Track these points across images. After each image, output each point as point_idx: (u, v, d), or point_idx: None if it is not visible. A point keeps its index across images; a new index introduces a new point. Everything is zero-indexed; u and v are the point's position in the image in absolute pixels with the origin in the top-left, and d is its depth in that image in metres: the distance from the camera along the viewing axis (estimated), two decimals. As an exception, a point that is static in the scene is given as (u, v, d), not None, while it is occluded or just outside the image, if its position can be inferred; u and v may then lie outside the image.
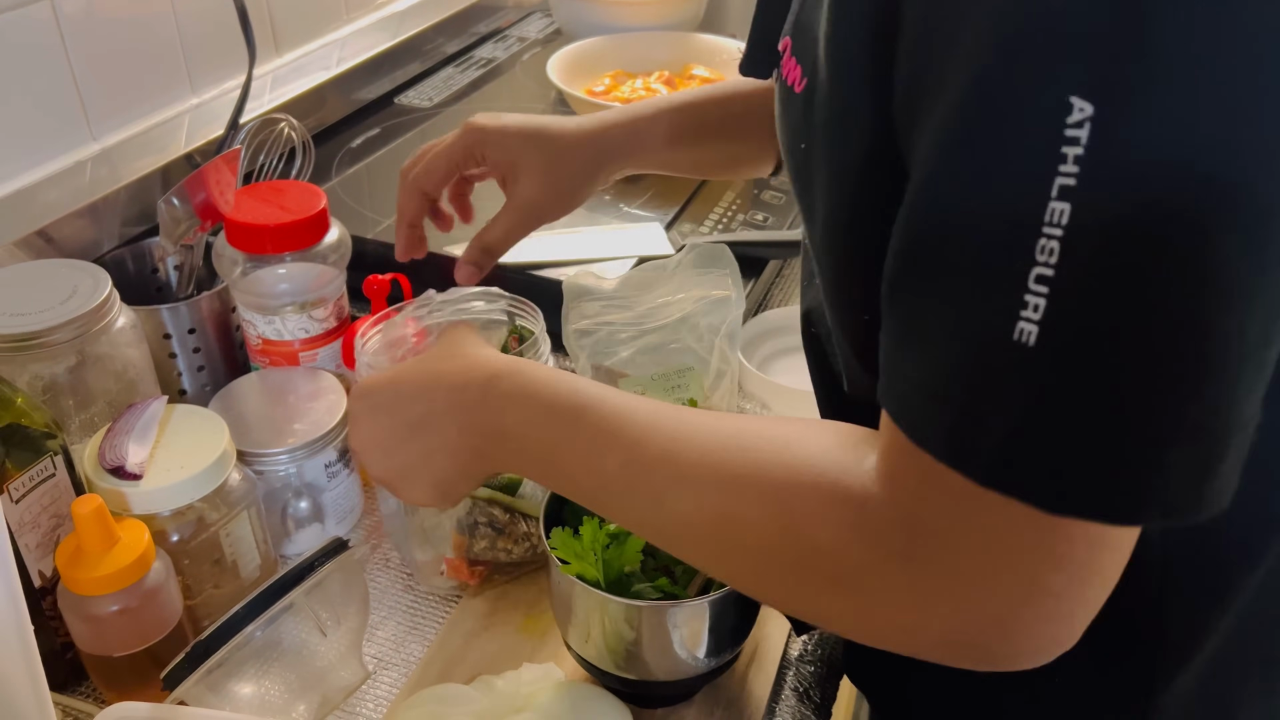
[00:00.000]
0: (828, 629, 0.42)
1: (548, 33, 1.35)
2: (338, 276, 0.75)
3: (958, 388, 0.34)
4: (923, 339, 0.35)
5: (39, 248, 0.79)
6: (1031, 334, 0.32)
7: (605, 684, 0.60)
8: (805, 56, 0.43)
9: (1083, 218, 0.31)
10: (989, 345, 0.33)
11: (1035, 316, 0.32)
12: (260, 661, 0.57)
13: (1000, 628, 0.36)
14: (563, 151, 0.65)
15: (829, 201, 0.43)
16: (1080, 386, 0.32)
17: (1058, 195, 0.31)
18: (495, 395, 0.49)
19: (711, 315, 0.68)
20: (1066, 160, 0.31)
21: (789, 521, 0.40)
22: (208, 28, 0.94)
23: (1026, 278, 0.32)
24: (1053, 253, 0.31)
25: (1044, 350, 0.32)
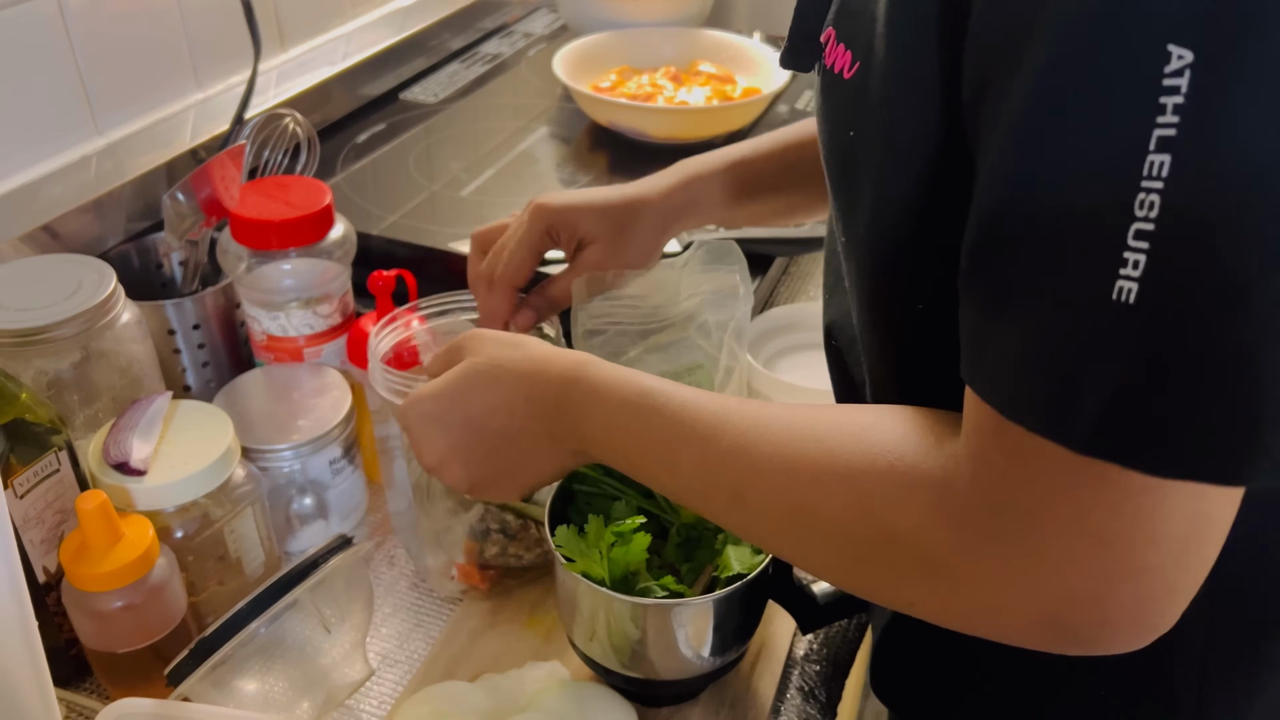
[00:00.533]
0: (914, 615, 0.41)
1: (553, 28, 1.35)
2: (342, 272, 0.75)
3: (1054, 354, 0.33)
4: (1014, 309, 0.34)
5: (44, 243, 0.79)
6: (1131, 291, 0.31)
7: (610, 682, 0.60)
8: (856, 41, 0.43)
9: (1184, 169, 0.30)
10: (1087, 307, 0.32)
11: (1135, 274, 0.31)
12: (264, 658, 0.57)
13: (1095, 608, 0.35)
14: (628, 221, 0.67)
15: (882, 185, 0.42)
16: (1183, 343, 0.31)
17: (1156, 147, 0.30)
18: (573, 402, 0.49)
19: (719, 312, 0.68)
20: (1166, 110, 0.30)
21: (868, 509, 0.40)
22: (213, 22, 0.94)
23: (1125, 234, 0.31)
24: (1153, 206, 0.31)
25: (1145, 308, 0.31)
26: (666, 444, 0.46)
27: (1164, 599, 0.35)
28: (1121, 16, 0.31)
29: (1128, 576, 0.34)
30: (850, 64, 0.43)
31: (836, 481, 0.41)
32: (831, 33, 0.46)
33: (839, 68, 0.44)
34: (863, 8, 0.42)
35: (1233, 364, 0.31)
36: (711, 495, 0.46)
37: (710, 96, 1.06)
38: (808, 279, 0.96)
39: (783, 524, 0.43)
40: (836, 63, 0.44)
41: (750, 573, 0.55)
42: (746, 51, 1.14)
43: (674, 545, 0.59)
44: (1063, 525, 0.35)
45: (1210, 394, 0.32)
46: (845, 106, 0.44)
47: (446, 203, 0.93)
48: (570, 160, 1.01)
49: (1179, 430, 0.32)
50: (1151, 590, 0.35)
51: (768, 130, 1.06)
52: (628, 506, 0.59)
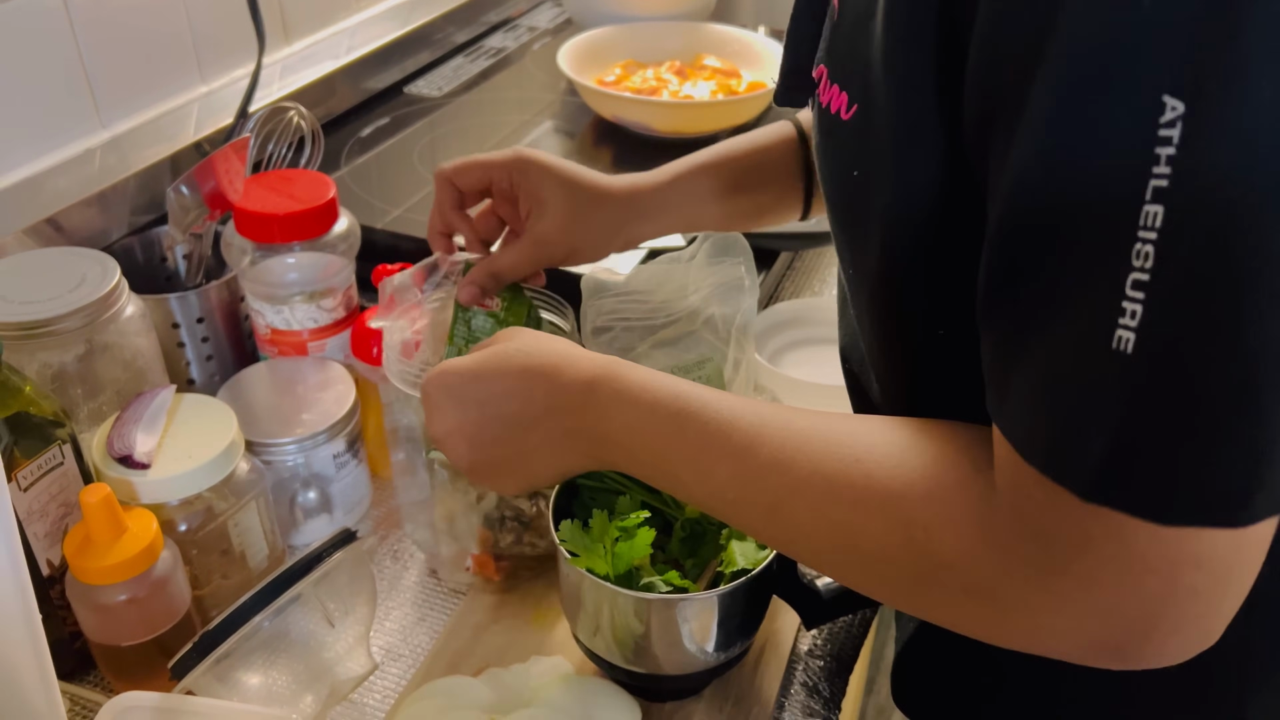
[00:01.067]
0: (960, 633, 0.41)
1: (558, 22, 1.35)
2: (346, 266, 0.75)
3: (1057, 401, 0.34)
4: (1023, 352, 0.35)
5: (48, 236, 0.79)
6: (1129, 341, 0.31)
7: (614, 677, 0.59)
8: (851, 83, 0.43)
9: (1177, 219, 0.30)
10: (1087, 355, 0.33)
11: (1133, 323, 0.31)
12: (268, 652, 0.56)
13: (1144, 629, 0.36)
14: (589, 203, 0.65)
15: (892, 226, 0.42)
16: (1181, 392, 0.32)
17: (1151, 198, 0.30)
18: (597, 401, 0.48)
19: (726, 305, 0.68)
20: (1160, 161, 0.30)
21: (910, 534, 0.39)
22: (217, 16, 0.94)
23: (1123, 284, 0.31)
24: (1148, 257, 0.31)
25: (1143, 357, 0.31)
26: (701, 452, 0.45)
27: (1213, 615, 0.36)
28: (1116, 62, 0.31)
29: (1174, 599, 0.35)
30: (847, 106, 0.43)
31: (878, 504, 0.40)
32: (824, 70, 0.45)
33: (835, 108, 0.44)
34: (852, 51, 0.42)
35: (1231, 409, 0.32)
36: (746, 508, 0.45)
37: (715, 91, 1.05)
38: (812, 274, 0.96)
39: (823, 543, 0.43)
40: (833, 103, 0.44)
41: (754, 568, 0.55)
42: (751, 46, 1.14)
43: (678, 540, 0.59)
44: (1104, 556, 0.35)
45: (1209, 439, 0.32)
46: (847, 148, 0.44)
47: (451, 197, 0.93)
48: (575, 154, 1.01)
49: (1180, 480, 0.33)
50: (1197, 610, 0.35)
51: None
52: (632, 501, 0.59)
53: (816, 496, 0.42)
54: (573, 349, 0.51)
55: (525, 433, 0.50)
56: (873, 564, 0.42)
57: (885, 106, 0.40)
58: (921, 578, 0.40)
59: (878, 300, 0.46)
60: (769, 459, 0.43)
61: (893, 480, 0.40)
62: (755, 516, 0.45)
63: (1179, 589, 0.34)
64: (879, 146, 0.41)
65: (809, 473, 0.42)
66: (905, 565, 0.40)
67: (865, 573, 0.43)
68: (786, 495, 0.43)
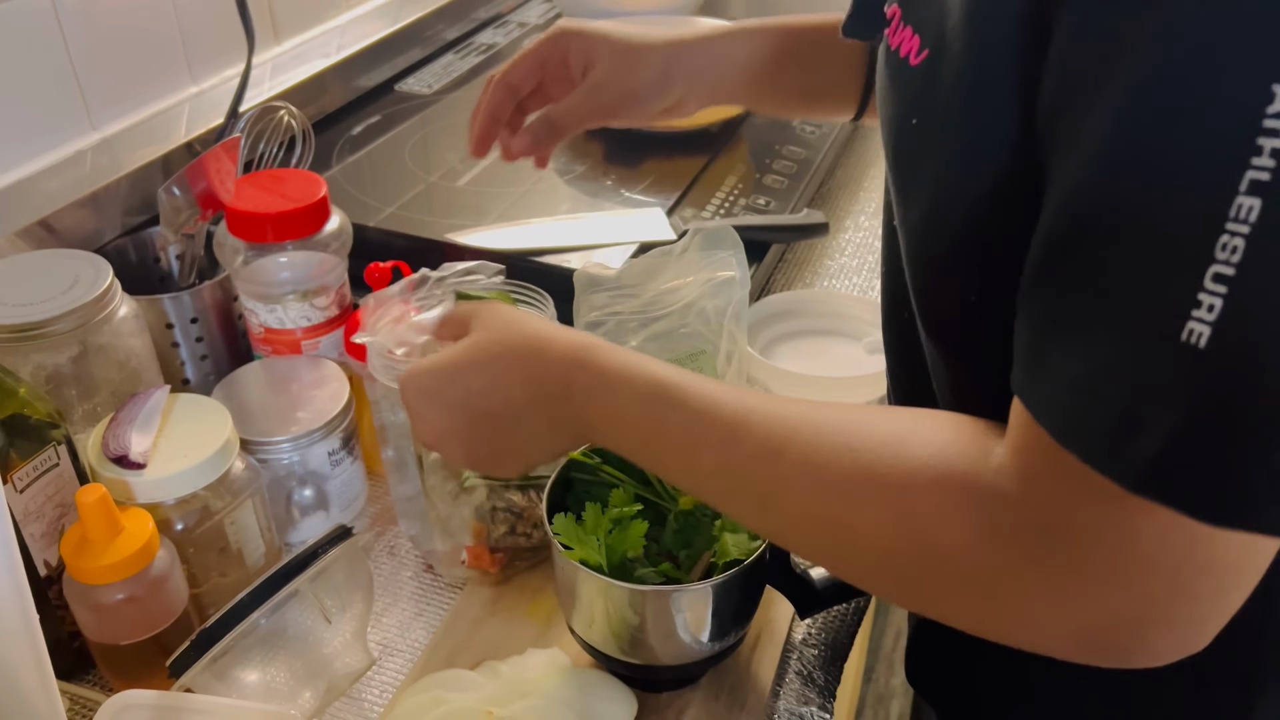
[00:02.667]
0: (951, 625, 0.41)
1: (548, 18, 1.35)
2: (339, 264, 0.75)
3: (1114, 388, 0.33)
4: (1076, 334, 0.34)
5: (40, 238, 0.79)
6: (1203, 335, 0.30)
7: (610, 669, 0.60)
8: (926, 27, 0.41)
9: (1275, 215, 0.29)
10: (1154, 345, 0.31)
11: (1209, 317, 0.30)
12: (265, 649, 0.57)
13: (1139, 629, 0.35)
14: (636, 49, 0.66)
15: (945, 180, 0.41)
16: (1251, 394, 0.31)
17: (1248, 190, 0.30)
18: (576, 390, 0.47)
19: (717, 297, 0.68)
20: (1262, 153, 0.29)
21: (909, 526, 0.38)
22: (206, 16, 0.94)
23: (1203, 276, 0.30)
24: (1235, 250, 0.30)
25: (1215, 353, 0.31)
26: (684, 442, 0.44)
27: (1208, 620, 0.35)
28: (1221, 48, 0.30)
29: (1174, 602, 0.34)
30: (918, 50, 0.42)
31: (875, 496, 0.39)
32: (897, 11, 0.44)
33: (905, 51, 0.43)
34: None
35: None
36: (734, 499, 0.44)
37: (705, 84, 1.05)
38: (804, 266, 0.96)
39: (814, 535, 0.42)
40: (903, 46, 0.43)
41: (747, 558, 0.55)
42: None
43: (671, 531, 0.59)
44: (1112, 550, 0.34)
45: (1272, 448, 0.31)
46: (910, 93, 0.43)
47: (442, 193, 0.93)
48: (565, 149, 1.01)
49: (1234, 482, 0.32)
50: (1196, 613, 0.35)
51: (763, 117, 1.06)
52: (625, 494, 0.59)
53: (807, 490, 0.41)
54: (546, 330, 0.50)
55: (513, 426, 0.50)
56: (867, 554, 0.41)
57: (957, 60, 0.39)
58: (920, 570, 0.39)
59: (914, 257, 0.45)
60: (754, 450, 0.42)
61: (891, 471, 0.39)
62: (745, 508, 0.45)
63: (1180, 593, 0.34)
64: (943, 98, 0.40)
65: (798, 462, 0.41)
66: (903, 557, 0.39)
67: (859, 564, 0.42)
68: (775, 488, 0.42)
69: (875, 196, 1.04)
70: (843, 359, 0.79)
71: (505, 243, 0.85)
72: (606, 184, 0.95)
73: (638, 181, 0.95)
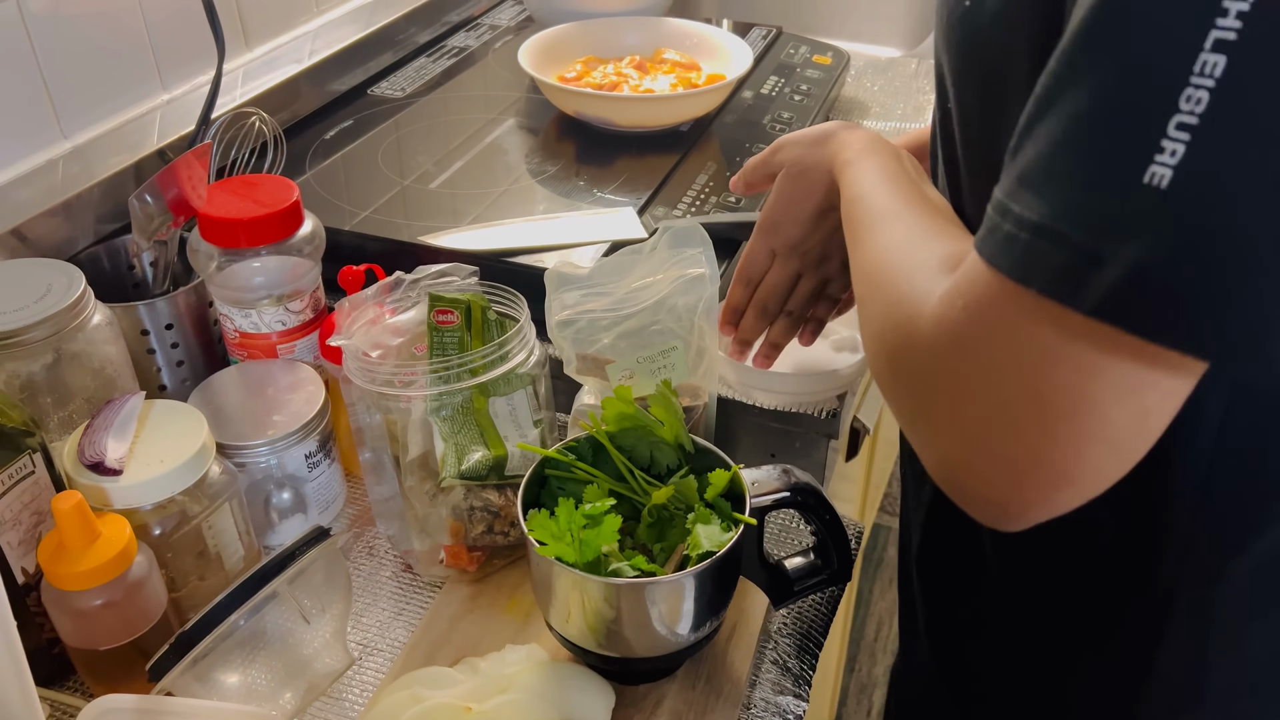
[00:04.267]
0: (907, 429, 0.46)
1: (519, 20, 1.35)
2: (313, 268, 0.75)
3: (1076, 226, 0.35)
4: (1046, 179, 0.37)
5: (12, 247, 0.79)
6: (1165, 178, 0.33)
7: (588, 662, 0.61)
8: None
9: (1239, 72, 0.32)
10: (1117, 185, 0.34)
11: (1171, 161, 0.33)
12: (245, 650, 0.57)
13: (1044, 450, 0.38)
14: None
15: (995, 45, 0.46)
16: (1206, 233, 0.33)
17: (1212, 47, 0.32)
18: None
19: (688, 294, 0.69)
20: (1228, 14, 0.32)
21: (885, 323, 0.45)
22: (176, 23, 0.94)
23: (1166, 123, 0.33)
24: (1199, 102, 0.32)
25: (1177, 195, 0.33)
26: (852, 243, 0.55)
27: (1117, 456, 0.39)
28: None
29: (1079, 416, 0.37)
30: None
31: (875, 285, 0.48)
32: None
33: None
34: None
35: (1249, 259, 0.33)
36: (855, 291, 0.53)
37: (675, 84, 1.07)
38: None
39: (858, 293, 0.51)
40: None
41: (719, 550, 0.56)
42: (710, 39, 1.15)
43: (645, 526, 0.60)
44: (1010, 383, 0.38)
45: (1225, 283, 0.34)
46: None
47: (416, 197, 0.94)
48: (538, 150, 1.02)
49: (1182, 310, 0.34)
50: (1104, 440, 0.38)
51: (733, 116, 1.07)
52: (599, 490, 0.60)
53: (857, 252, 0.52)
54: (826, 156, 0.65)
55: None
56: (872, 331, 0.48)
57: None
58: (890, 360, 0.45)
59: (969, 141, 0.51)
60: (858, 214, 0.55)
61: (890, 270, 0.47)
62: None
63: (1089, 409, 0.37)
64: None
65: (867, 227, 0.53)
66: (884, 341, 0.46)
67: (870, 340, 0.48)
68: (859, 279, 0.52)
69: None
70: (809, 356, 0.80)
71: (478, 244, 0.86)
72: (578, 184, 0.95)
73: (609, 181, 0.95)
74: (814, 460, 0.77)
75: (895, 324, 0.44)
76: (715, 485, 0.59)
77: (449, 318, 0.65)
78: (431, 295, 0.65)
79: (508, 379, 0.66)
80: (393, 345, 0.67)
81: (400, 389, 0.63)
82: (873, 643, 1.76)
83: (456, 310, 0.65)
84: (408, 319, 0.68)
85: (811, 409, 0.76)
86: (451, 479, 0.64)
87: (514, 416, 0.67)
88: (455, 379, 0.63)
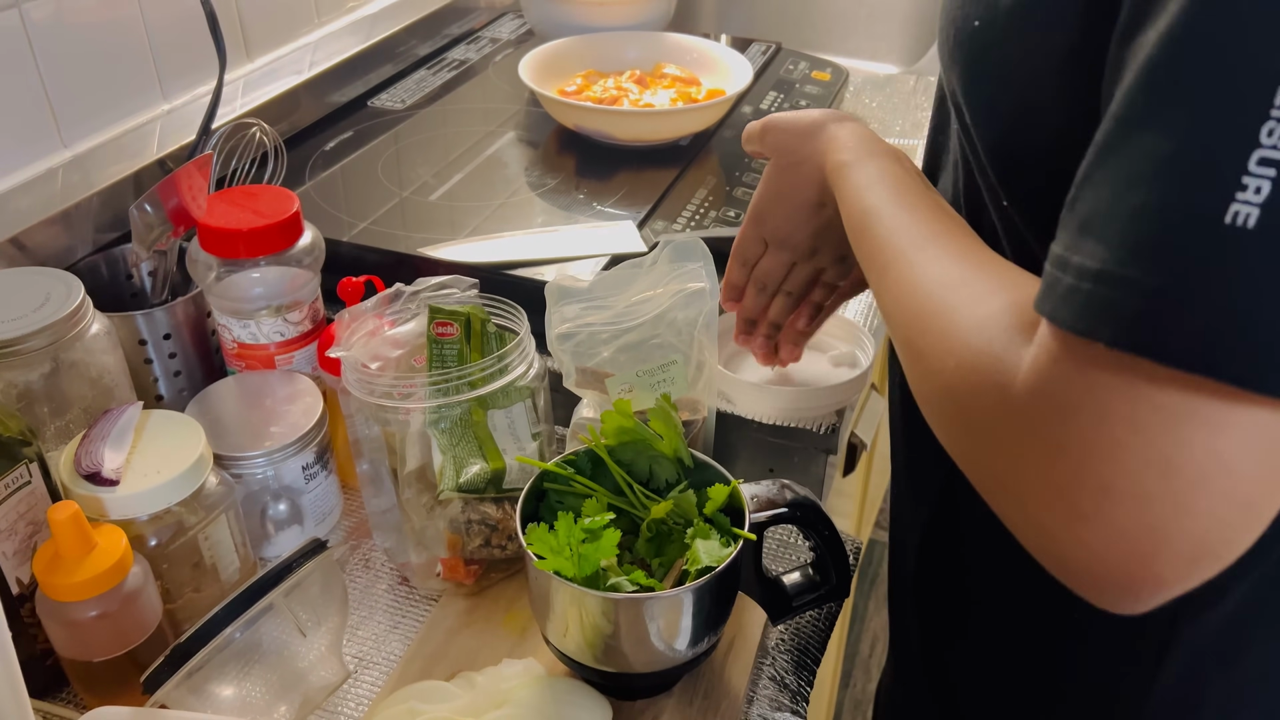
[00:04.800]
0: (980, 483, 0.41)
1: (520, 33, 1.36)
2: (312, 279, 0.75)
3: (1152, 270, 0.33)
4: (1112, 222, 0.34)
5: (11, 255, 0.79)
6: (1250, 217, 0.32)
7: (585, 677, 0.61)
8: None
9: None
10: (1197, 226, 0.32)
11: (1256, 200, 0.32)
12: (241, 663, 0.57)
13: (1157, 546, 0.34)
14: None
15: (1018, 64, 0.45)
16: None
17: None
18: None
19: (687, 309, 0.69)
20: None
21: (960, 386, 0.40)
22: (177, 33, 0.94)
23: (1247, 160, 0.32)
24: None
25: (1264, 233, 0.32)
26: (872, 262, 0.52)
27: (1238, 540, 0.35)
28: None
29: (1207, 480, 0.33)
30: None
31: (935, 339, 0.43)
32: None
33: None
34: None
35: None
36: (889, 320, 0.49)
37: (675, 99, 1.07)
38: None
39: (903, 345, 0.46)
40: None
41: (718, 565, 0.56)
42: (710, 54, 1.15)
43: (644, 540, 0.60)
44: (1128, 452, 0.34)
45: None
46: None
47: (415, 208, 0.94)
48: (538, 163, 1.02)
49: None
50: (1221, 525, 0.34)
51: (732, 131, 1.07)
52: (598, 504, 0.60)
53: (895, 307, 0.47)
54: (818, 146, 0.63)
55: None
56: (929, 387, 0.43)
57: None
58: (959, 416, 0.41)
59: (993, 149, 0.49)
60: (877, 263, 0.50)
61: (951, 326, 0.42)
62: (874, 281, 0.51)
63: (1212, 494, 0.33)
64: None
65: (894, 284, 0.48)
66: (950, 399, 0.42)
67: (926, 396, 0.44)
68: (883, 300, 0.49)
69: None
70: (808, 372, 0.80)
71: (478, 256, 0.86)
72: (578, 197, 0.96)
73: (609, 195, 0.96)
74: (812, 475, 0.77)
75: (974, 389, 0.39)
76: (714, 500, 0.59)
77: (448, 330, 0.65)
78: (431, 307, 0.65)
79: (507, 392, 0.66)
80: (392, 357, 0.67)
81: (399, 401, 0.63)
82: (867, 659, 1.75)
83: (456, 323, 0.65)
84: (407, 331, 0.68)
85: (810, 424, 0.76)
86: (449, 492, 0.63)
87: (513, 429, 0.67)
88: (454, 391, 0.63)
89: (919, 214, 0.51)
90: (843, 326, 0.83)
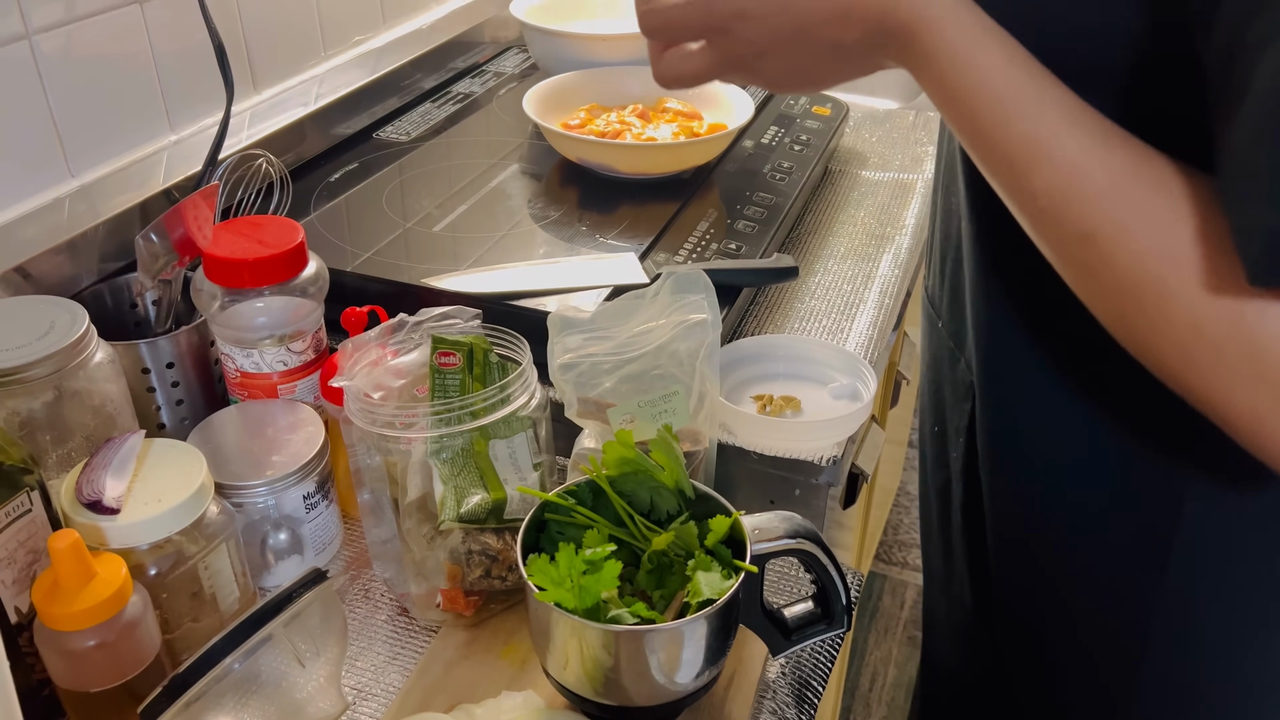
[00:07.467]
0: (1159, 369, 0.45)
1: (524, 68, 1.37)
2: (316, 309, 0.76)
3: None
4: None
5: (17, 284, 0.79)
6: None
7: (584, 710, 0.60)
8: None
9: None
10: None
11: None
12: (239, 694, 0.57)
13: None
14: None
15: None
16: None
17: None
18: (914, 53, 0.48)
19: (689, 340, 0.70)
20: None
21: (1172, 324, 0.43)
22: (185, 65, 0.95)
23: None
24: None
25: None
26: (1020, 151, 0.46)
27: None
28: None
29: None
30: None
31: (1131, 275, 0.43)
32: None
33: None
34: None
35: None
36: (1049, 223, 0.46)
37: (677, 133, 1.08)
38: (774, 309, 0.98)
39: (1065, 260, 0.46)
40: None
41: (720, 598, 0.56)
42: (711, 89, 1.16)
43: (645, 572, 0.60)
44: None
45: None
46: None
47: (419, 239, 0.94)
48: (541, 196, 1.03)
49: None
50: None
51: (734, 164, 1.08)
52: (599, 535, 0.60)
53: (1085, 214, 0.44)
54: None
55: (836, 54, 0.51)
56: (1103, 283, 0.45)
57: None
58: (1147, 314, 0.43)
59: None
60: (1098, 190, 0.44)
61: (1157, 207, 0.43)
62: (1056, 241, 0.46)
63: None
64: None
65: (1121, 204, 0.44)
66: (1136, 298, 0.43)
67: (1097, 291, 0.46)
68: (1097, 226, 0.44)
69: (844, 241, 1.06)
70: (809, 404, 0.80)
71: (481, 287, 0.86)
72: (581, 229, 0.96)
73: (612, 227, 0.96)
74: (814, 508, 0.77)
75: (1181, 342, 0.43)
76: (716, 531, 0.59)
77: (451, 360, 0.65)
78: (434, 337, 0.66)
79: (509, 422, 0.66)
80: (394, 387, 0.67)
81: (401, 430, 0.63)
82: (868, 693, 1.74)
83: (459, 352, 0.65)
84: (410, 361, 0.68)
85: (811, 456, 0.76)
86: (450, 522, 0.63)
87: (514, 459, 0.67)
88: (456, 421, 0.63)
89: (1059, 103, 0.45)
90: (843, 359, 0.83)
